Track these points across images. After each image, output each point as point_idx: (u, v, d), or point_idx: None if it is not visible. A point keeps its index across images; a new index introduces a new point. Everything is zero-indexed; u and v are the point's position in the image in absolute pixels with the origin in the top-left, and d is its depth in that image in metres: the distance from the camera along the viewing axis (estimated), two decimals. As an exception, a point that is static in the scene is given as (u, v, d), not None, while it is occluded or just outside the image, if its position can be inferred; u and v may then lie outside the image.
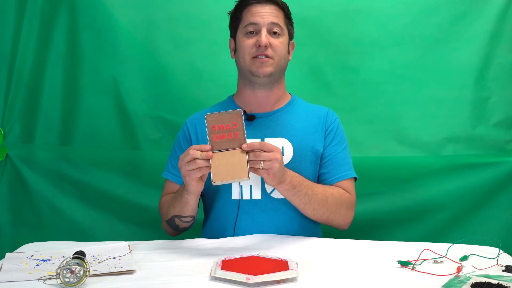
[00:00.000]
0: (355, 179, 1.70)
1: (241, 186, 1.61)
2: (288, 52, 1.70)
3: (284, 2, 1.68)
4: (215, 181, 1.35)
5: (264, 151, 1.40)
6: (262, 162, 1.39)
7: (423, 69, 2.08)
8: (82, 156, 2.13)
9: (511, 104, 2.06)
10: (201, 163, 1.37)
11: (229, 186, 1.62)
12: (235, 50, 1.70)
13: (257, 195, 1.62)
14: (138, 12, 2.10)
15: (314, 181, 1.64)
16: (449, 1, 2.04)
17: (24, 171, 2.09)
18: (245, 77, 1.68)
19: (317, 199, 1.56)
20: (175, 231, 1.65)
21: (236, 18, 1.69)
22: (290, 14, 1.70)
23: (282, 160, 1.44)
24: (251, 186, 1.62)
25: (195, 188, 1.44)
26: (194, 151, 1.38)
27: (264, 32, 1.61)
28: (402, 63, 2.08)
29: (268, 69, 1.62)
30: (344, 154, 1.69)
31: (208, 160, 1.37)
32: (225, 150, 1.38)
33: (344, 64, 2.10)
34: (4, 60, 2.06)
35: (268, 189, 1.62)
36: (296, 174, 1.55)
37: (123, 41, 2.10)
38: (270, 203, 1.61)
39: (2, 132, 2.07)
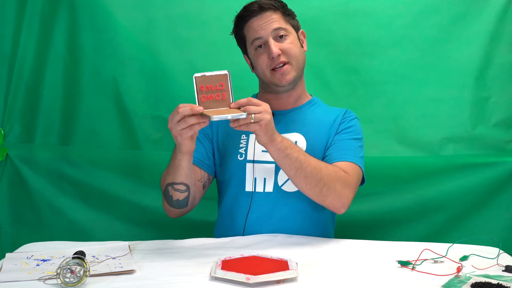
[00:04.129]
0: (363, 178, 1.66)
1: (255, 178, 1.63)
2: (302, 44, 1.70)
3: (276, 1, 1.67)
4: (213, 117, 1.33)
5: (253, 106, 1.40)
6: (253, 115, 1.37)
7: (423, 69, 2.08)
8: (82, 156, 2.12)
9: (511, 104, 2.06)
10: (191, 120, 1.36)
11: (243, 178, 1.64)
12: (252, 66, 1.73)
13: (269, 188, 1.63)
14: (138, 12, 2.09)
15: None
16: (449, 1, 2.04)
17: (24, 171, 2.09)
18: (269, 87, 1.70)
19: (310, 165, 1.49)
20: (170, 205, 1.60)
21: (240, 37, 1.71)
22: (286, 6, 1.69)
23: (271, 114, 1.42)
24: (264, 179, 1.63)
25: (187, 147, 1.44)
26: (183, 109, 1.36)
27: (271, 42, 1.62)
28: (402, 63, 2.08)
29: (290, 76, 1.65)
30: (351, 143, 1.65)
31: (199, 116, 1.36)
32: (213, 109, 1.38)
33: (344, 64, 2.10)
34: (4, 60, 2.06)
35: (280, 181, 1.62)
36: (288, 139, 1.51)
37: (123, 41, 2.09)
38: (281, 196, 1.62)
39: (2, 132, 2.07)
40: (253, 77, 1.81)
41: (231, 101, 1.39)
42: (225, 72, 1.40)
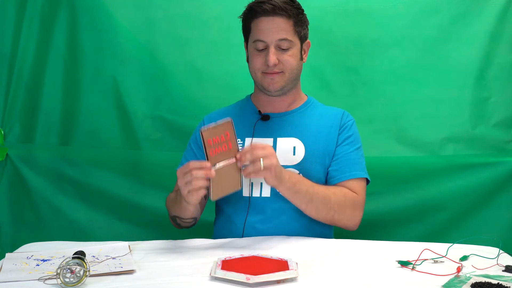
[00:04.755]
0: (367, 181, 1.68)
1: (252, 183, 1.63)
2: (302, 56, 1.68)
3: (293, 5, 1.62)
4: (214, 198, 1.40)
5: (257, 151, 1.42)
6: (261, 161, 1.40)
7: (423, 69, 2.08)
8: (82, 156, 2.13)
9: (511, 104, 2.06)
10: (202, 183, 1.37)
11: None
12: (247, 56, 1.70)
13: (266, 192, 1.62)
14: (138, 12, 2.10)
15: (323, 183, 1.65)
16: (449, 1, 2.04)
17: (24, 171, 2.09)
18: (258, 87, 1.70)
19: (319, 197, 1.54)
20: (178, 227, 1.67)
21: (246, 26, 1.67)
22: (302, 14, 1.65)
23: (276, 155, 1.45)
24: (261, 184, 1.62)
25: (194, 201, 1.45)
26: (196, 172, 1.36)
27: (272, 50, 1.59)
28: (402, 63, 2.08)
29: (279, 84, 1.63)
30: (356, 155, 1.67)
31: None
32: (222, 161, 1.40)
33: (344, 64, 2.10)
34: (4, 60, 2.06)
35: None
36: (294, 173, 1.54)
37: (123, 41, 2.09)
38: (279, 201, 1.61)
39: (2, 132, 2.07)
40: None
41: (237, 149, 1.42)
42: (229, 119, 1.41)
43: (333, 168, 1.65)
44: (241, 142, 1.67)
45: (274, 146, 1.65)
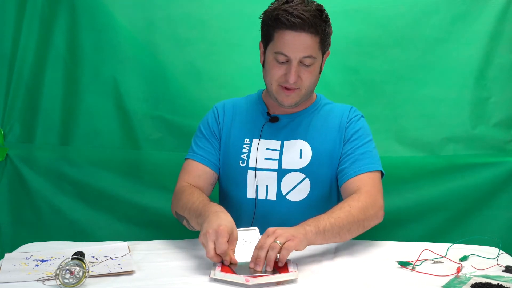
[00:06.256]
0: (382, 174, 1.62)
1: (257, 186, 1.62)
2: (321, 69, 1.63)
3: (322, 18, 1.53)
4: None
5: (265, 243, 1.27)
6: (277, 241, 1.25)
7: (423, 69, 2.07)
8: (82, 156, 2.12)
9: (511, 104, 2.06)
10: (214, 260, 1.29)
11: (245, 184, 1.63)
12: (264, 61, 1.61)
13: (272, 196, 1.61)
14: (138, 12, 2.09)
15: (331, 186, 1.63)
16: (449, 1, 2.04)
17: (24, 171, 2.09)
18: (271, 96, 1.63)
19: (342, 221, 1.40)
20: (179, 221, 1.60)
21: (267, 33, 1.56)
22: (329, 27, 1.57)
23: (282, 228, 1.31)
24: (267, 186, 1.62)
25: None
26: (213, 257, 1.26)
27: (293, 68, 1.52)
28: (402, 63, 2.08)
29: (293, 100, 1.58)
30: (364, 148, 1.61)
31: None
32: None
33: (344, 64, 2.10)
34: (4, 60, 2.06)
35: (284, 190, 1.61)
36: (306, 224, 1.36)
37: (123, 41, 2.09)
38: (285, 205, 1.60)
39: (2, 132, 2.07)
40: (253, 77, 1.81)
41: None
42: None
43: (342, 166, 1.61)
44: (249, 142, 1.67)
45: (281, 149, 1.64)
